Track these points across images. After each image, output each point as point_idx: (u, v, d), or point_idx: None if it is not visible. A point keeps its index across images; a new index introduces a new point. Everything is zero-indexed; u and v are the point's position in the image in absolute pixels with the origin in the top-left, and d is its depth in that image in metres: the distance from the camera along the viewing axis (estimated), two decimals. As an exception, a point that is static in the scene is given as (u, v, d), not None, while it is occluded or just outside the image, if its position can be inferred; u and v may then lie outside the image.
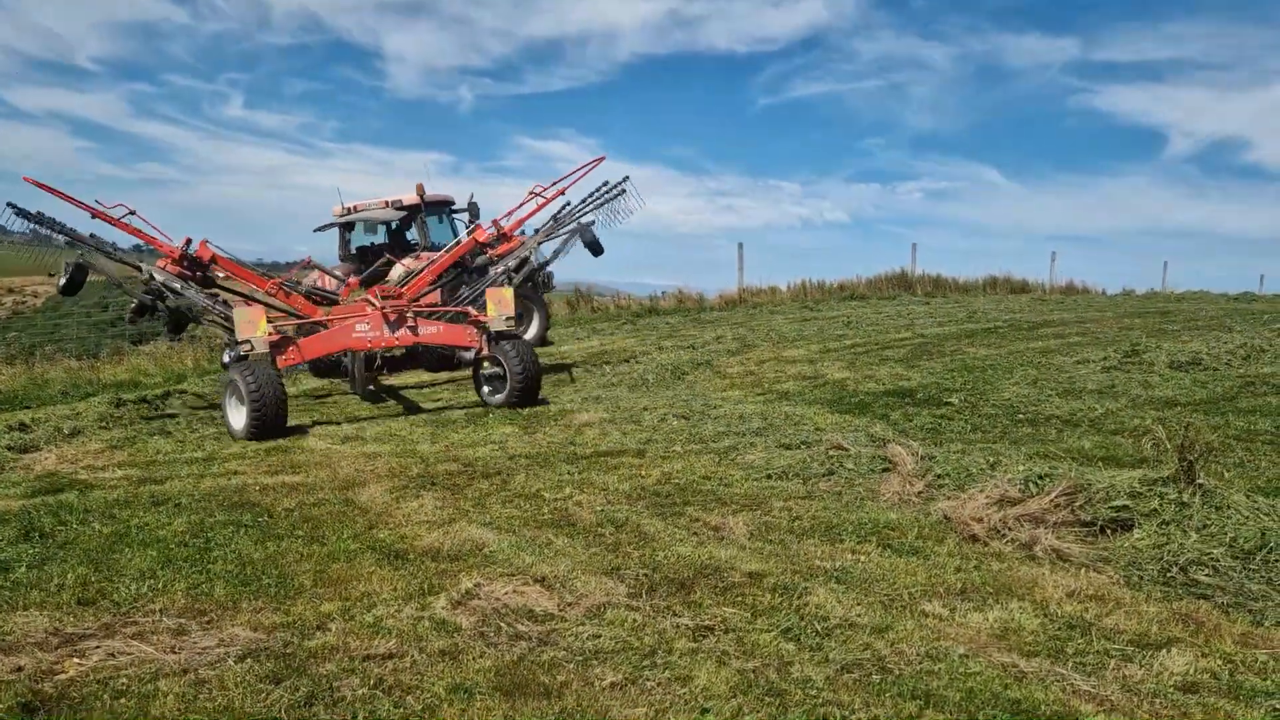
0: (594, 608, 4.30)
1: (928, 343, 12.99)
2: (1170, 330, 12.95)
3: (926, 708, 3.31)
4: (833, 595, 4.35)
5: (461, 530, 5.52)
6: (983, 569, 4.67)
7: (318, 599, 4.51)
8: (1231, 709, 3.25)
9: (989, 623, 4.04)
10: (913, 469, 6.30)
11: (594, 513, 5.82)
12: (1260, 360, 9.64)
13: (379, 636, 4.03)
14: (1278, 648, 3.72)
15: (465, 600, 4.42)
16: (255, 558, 5.13)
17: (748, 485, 6.38)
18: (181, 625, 4.21)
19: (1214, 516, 4.79)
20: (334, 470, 7.25)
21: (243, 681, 3.63)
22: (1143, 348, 10.48)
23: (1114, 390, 8.74)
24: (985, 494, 5.55)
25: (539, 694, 3.49)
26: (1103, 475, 5.55)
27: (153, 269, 10.32)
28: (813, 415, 8.44)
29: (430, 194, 14.39)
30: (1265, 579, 4.33)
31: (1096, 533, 5.01)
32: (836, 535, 5.25)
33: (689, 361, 12.54)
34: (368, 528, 5.67)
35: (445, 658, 3.83)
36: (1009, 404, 8.50)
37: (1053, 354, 11.29)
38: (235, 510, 6.09)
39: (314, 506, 6.18)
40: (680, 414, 8.77)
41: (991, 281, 27.65)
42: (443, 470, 7.12)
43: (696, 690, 3.48)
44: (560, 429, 8.59)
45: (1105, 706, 3.29)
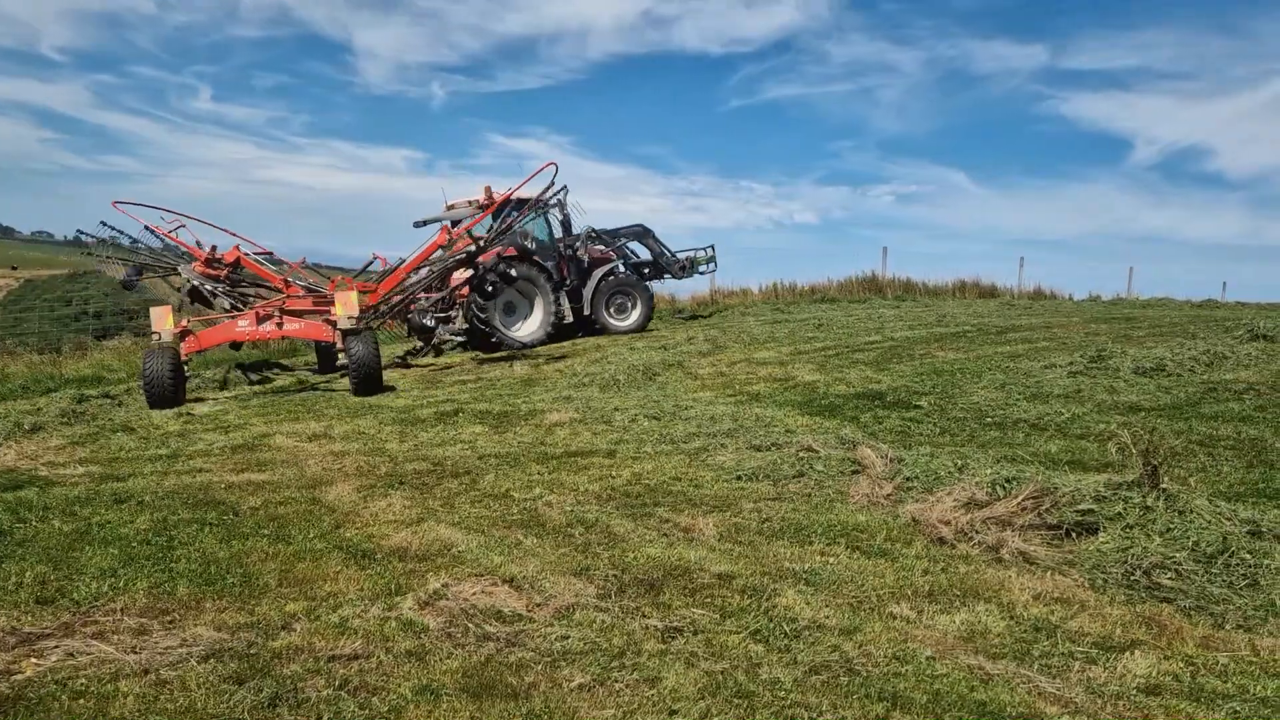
0: (563, 608, 4.28)
1: (898, 346, 13.07)
2: (1135, 336, 13.12)
3: (893, 709, 3.32)
4: (801, 597, 4.36)
5: (430, 530, 5.48)
6: (950, 571, 4.69)
7: (283, 599, 4.45)
8: (1193, 711, 3.28)
9: (956, 625, 4.06)
10: (882, 471, 6.33)
11: (564, 513, 5.80)
12: (1223, 366, 9.78)
13: (345, 637, 3.99)
14: (1238, 651, 3.76)
15: (433, 600, 4.38)
16: (219, 556, 5.06)
17: (718, 486, 6.39)
18: (143, 625, 4.14)
19: (1177, 521, 4.85)
20: (301, 468, 7.18)
21: (205, 682, 3.58)
22: (1108, 353, 10.59)
23: (1080, 395, 8.84)
24: (953, 497, 5.59)
25: (506, 695, 3.47)
26: (1069, 479, 5.61)
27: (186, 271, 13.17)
28: (783, 417, 8.47)
29: (522, 193, 15.92)
30: (1226, 583, 4.38)
31: (1062, 536, 5.06)
32: (806, 537, 5.27)
33: (660, 362, 12.54)
34: (334, 527, 5.62)
35: (412, 658, 3.79)
36: (977, 407, 8.56)
37: (1021, 358, 11.39)
38: (199, 508, 6.01)
39: (280, 505, 6.11)
40: (651, 415, 8.77)
41: (961, 285, 27.89)
42: (411, 469, 7.08)
43: (665, 692, 3.47)
44: (531, 429, 8.56)
45: (1069, 708, 3.31)
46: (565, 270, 17.47)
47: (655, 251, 19.63)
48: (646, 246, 19.58)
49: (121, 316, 28.47)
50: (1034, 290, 27.92)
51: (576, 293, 17.60)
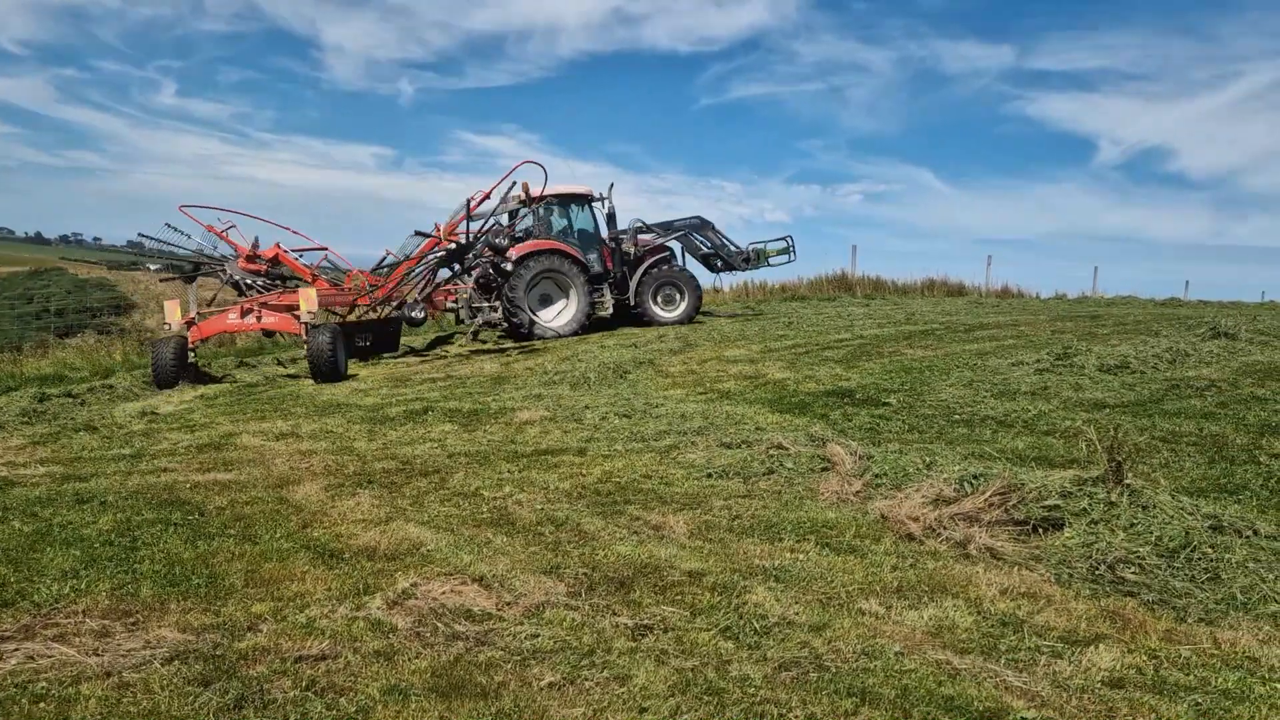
0: (533, 607, 4.27)
1: (867, 344, 13.15)
2: (1100, 334, 13.28)
3: (862, 705, 3.34)
4: (771, 594, 4.37)
5: (399, 529, 5.45)
6: (918, 567, 4.73)
7: (249, 599, 4.40)
8: (1155, 704, 3.33)
9: (924, 620, 4.09)
10: (851, 468, 6.37)
11: (534, 511, 5.78)
12: (1185, 364, 9.93)
13: (312, 637, 3.95)
14: (1200, 643, 3.82)
15: (401, 600, 4.35)
16: (184, 557, 4.99)
17: (688, 484, 6.39)
18: (105, 627, 4.08)
19: (1140, 516, 4.91)
20: (268, 468, 7.10)
21: (169, 684, 3.53)
22: (1074, 351, 10.71)
23: (1046, 392, 8.93)
24: (921, 493, 5.63)
25: (476, 694, 3.45)
26: (1035, 475, 5.66)
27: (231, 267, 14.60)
28: (753, 415, 8.49)
29: (566, 188, 17.40)
30: (1188, 577, 4.45)
31: (1029, 531, 5.11)
32: (776, 534, 5.28)
33: (631, 360, 12.53)
34: (302, 526, 5.56)
35: (380, 658, 3.76)
36: (945, 405, 8.63)
37: (988, 356, 11.50)
38: (164, 508, 5.93)
39: (246, 505, 6.04)
40: (622, 412, 8.76)
41: (930, 284, 28.13)
42: (380, 468, 7.02)
43: (635, 689, 3.47)
44: (501, 427, 8.52)
45: (1035, 702, 3.35)
46: (609, 262, 17.82)
47: (715, 243, 19.59)
48: (705, 238, 19.57)
49: (85, 314, 28.07)
50: (1001, 289, 28.22)
51: (622, 284, 17.95)
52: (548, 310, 17.09)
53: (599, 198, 17.91)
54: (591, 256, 17.59)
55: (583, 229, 18.01)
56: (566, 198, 17.80)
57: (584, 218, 18.07)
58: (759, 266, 20.24)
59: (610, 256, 17.89)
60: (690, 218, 19.61)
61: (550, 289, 17.07)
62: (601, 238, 17.92)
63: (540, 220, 17.50)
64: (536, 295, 16.85)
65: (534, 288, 16.74)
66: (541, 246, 16.88)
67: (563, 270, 16.80)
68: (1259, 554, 4.61)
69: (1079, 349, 10.84)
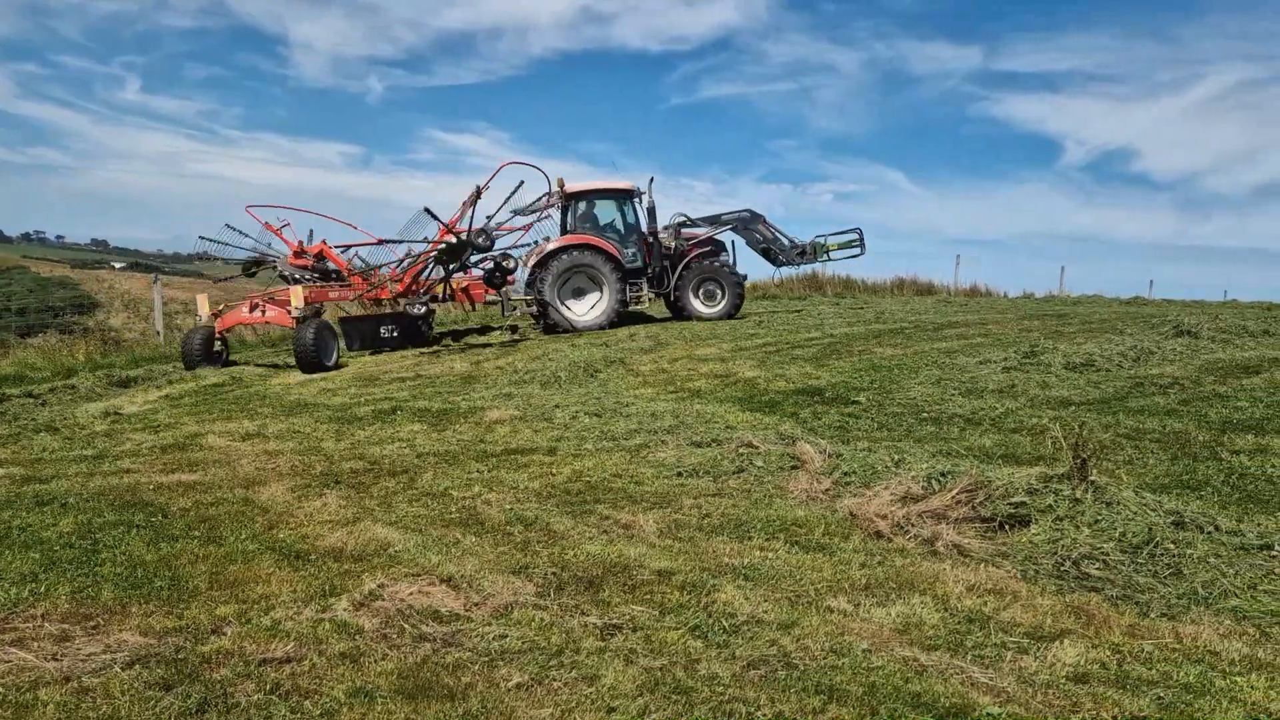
0: (501, 607, 4.24)
1: (837, 342, 13.21)
2: (1066, 332, 13.41)
3: (830, 702, 3.34)
4: (740, 592, 4.37)
5: (366, 529, 5.40)
6: (886, 565, 4.75)
7: (213, 602, 4.35)
8: (1119, 698, 3.36)
9: (891, 617, 4.11)
10: (820, 467, 6.39)
11: (503, 511, 5.75)
12: (1149, 362, 10.05)
13: (277, 640, 3.90)
14: (1163, 638, 3.86)
15: (368, 601, 4.31)
16: (147, 559, 4.93)
17: (658, 483, 6.39)
18: (65, 631, 4.02)
19: (1105, 512, 4.96)
20: (233, 469, 7.02)
21: (130, 689, 3.48)
22: (1041, 349, 10.81)
23: (1014, 390, 9.01)
24: (890, 491, 5.66)
25: (443, 696, 3.42)
26: (1002, 472, 5.71)
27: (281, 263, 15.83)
28: (724, 413, 8.50)
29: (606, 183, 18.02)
30: (1151, 572, 4.50)
31: (995, 528, 5.15)
32: (745, 532, 5.29)
33: (602, 359, 12.51)
34: (268, 528, 5.50)
35: (346, 660, 3.72)
36: (914, 403, 8.68)
37: (956, 354, 11.58)
38: (126, 510, 5.85)
39: (211, 506, 5.97)
40: (592, 412, 8.74)
41: (899, 283, 28.31)
42: (347, 468, 6.96)
43: (603, 689, 3.46)
44: (470, 426, 8.48)
45: (1001, 698, 3.37)
46: (648, 257, 17.93)
47: (766, 237, 19.26)
48: (756, 232, 19.24)
49: (46, 314, 27.63)
50: (970, 288, 28.45)
51: (660, 278, 18.09)
52: (581, 303, 17.42)
53: (639, 193, 18.11)
54: (629, 251, 17.83)
55: (623, 223, 18.22)
56: (606, 192, 18.12)
57: (625, 212, 18.28)
58: (815, 261, 19.75)
59: (648, 251, 18.00)
60: (739, 210, 19.29)
61: (584, 283, 17.39)
62: (642, 232, 18.05)
63: (581, 215, 17.93)
64: (571, 289, 17.28)
65: (567, 281, 17.18)
66: (573, 241, 17.29)
67: (594, 264, 17.12)
68: (1220, 549, 4.67)
69: (1046, 347, 10.95)
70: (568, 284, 17.25)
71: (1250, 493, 5.67)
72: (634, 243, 17.99)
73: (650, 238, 18.02)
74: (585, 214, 18.06)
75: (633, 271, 17.73)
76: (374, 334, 16.06)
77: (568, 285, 17.27)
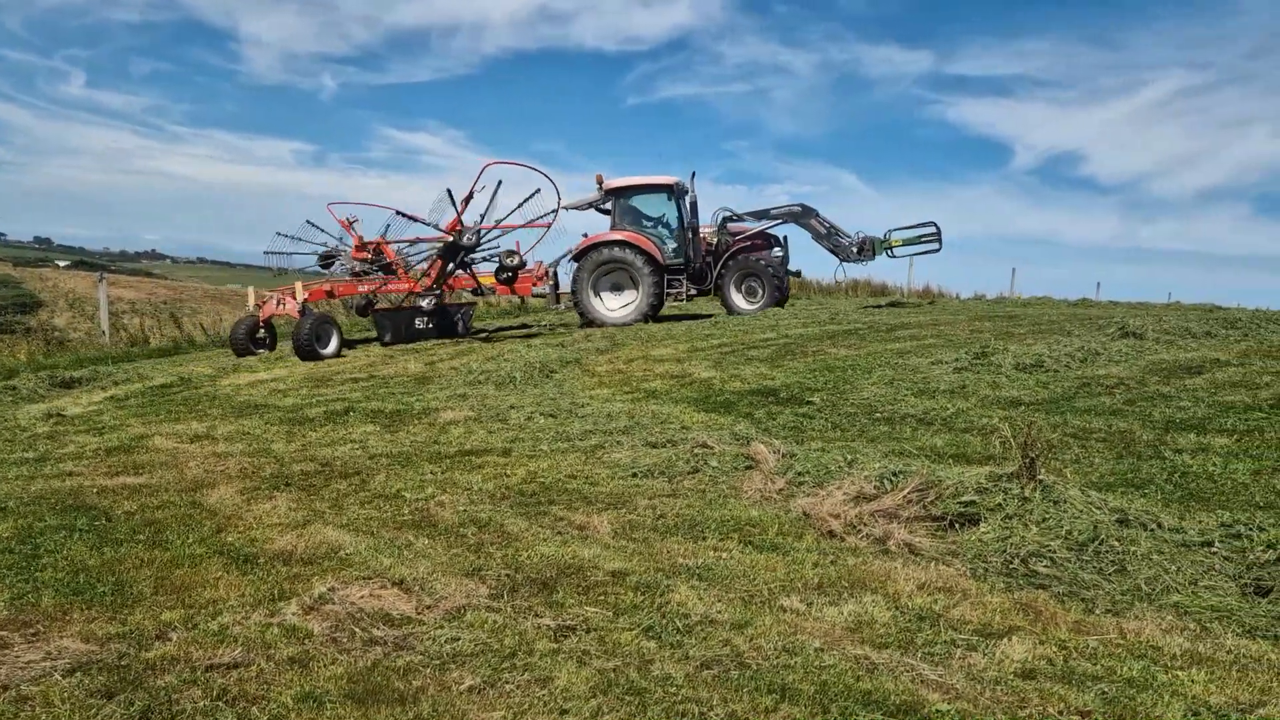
0: (453, 610, 4.21)
1: (791, 343, 13.29)
2: (1017, 333, 13.62)
3: (782, 701, 3.36)
4: (694, 592, 4.38)
5: (316, 532, 5.33)
6: (839, 564, 4.78)
7: (158, 607, 4.26)
8: (1065, 693, 3.41)
9: (844, 616, 4.14)
10: (774, 467, 6.42)
11: (456, 513, 5.71)
12: (1096, 362, 10.23)
13: (224, 645, 3.84)
14: (1107, 634, 3.93)
15: (318, 605, 4.25)
16: (90, 564, 4.82)
17: (613, 484, 6.38)
18: (3, 638, 3.91)
19: (1052, 511, 5.05)
20: (180, 471, 6.89)
21: (70, 697, 3.39)
22: (991, 350, 10.95)
23: (965, 390, 9.12)
24: (843, 491, 5.70)
25: (393, 700, 3.39)
26: (952, 472, 5.78)
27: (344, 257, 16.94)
28: (679, 414, 8.51)
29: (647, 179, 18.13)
30: (1096, 569, 4.58)
31: (946, 527, 5.21)
32: (699, 533, 5.30)
33: (557, 359, 12.47)
34: (215, 531, 5.41)
35: (294, 665, 3.67)
36: (867, 403, 8.76)
37: (909, 355, 11.71)
38: (69, 514, 5.72)
39: (157, 509, 5.86)
40: (547, 412, 8.71)
41: (853, 284, 28.58)
42: (298, 470, 6.87)
43: (556, 691, 3.44)
44: (424, 427, 8.40)
45: (950, 695, 3.41)
46: (690, 252, 18.02)
47: (819, 232, 18.57)
48: (808, 227, 18.64)
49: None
50: (923, 289, 28.81)
51: (701, 274, 18.17)
52: (618, 299, 17.69)
53: (682, 188, 18.05)
54: (669, 247, 17.86)
55: (664, 219, 18.31)
56: (646, 187, 18.21)
57: (666, 207, 18.33)
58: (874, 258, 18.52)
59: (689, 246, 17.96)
60: (789, 204, 18.79)
61: (622, 279, 17.63)
62: (684, 228, 18.01)
63: (623, 210, 18.13)
64: (609, 284, 17.70)
65: (604, 276, 17.52)
66: (607, 237, 17.57)
67: (628, 260, 17.25)
68: (1162, 546, 4.77)
69: (996, 348, 11.10)
70: (606, 279, 17.50)
71: (1192, 490, 5.80)
72: (675, 238, 17.95)
73: (689, 233, 17.94)
74: (627, 209, 18.10)
75: (673, 268, 17.71)
76: (409, 325, 16.31)
77: (606, 280, 17.54)
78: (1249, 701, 3.33)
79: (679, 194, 18.19)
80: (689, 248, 18.05)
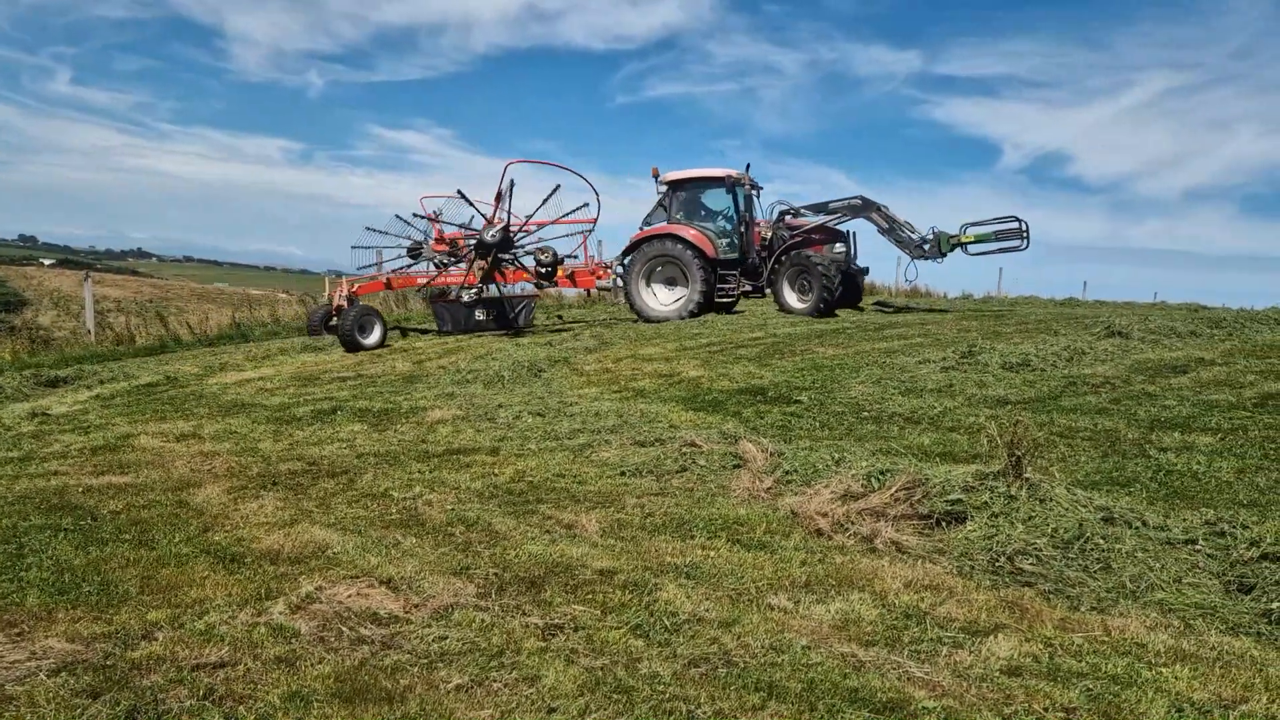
0: (441, 609, 4.21)
1: (779, 342, 13.31)
2: (1003, 332, 13.68)
3: (769, 699, 3.37)
4: (682, 591, 4.39)
5: (304, 531, 5.32)
6: (826, 562, 4.80)
7: (144, 607, 4.25)
8: (1050, 690, 3.44)
9: (831, 614, 4.15)
10: (762, 465, 6.44)
11: (444, 512, 5.71)
12: (1082, 361, 10.29)
13: (210, 644, 3.82)
14: (1092, 631, 3.96)
15: (305, 604, 4.24)
16: (75, 564, 4.80)
17: (602, 482, 6.38)
18: (-13, 638, 3.89)
19: (1038, 509, 5.07)
20: (167, 470, 6.87)
21: (55, 697, 3.38)
22: (978, 349, 11.00)
23: (952, 389, 9.16)
24: (830, 489, 5.72)
25: (380, 699, 3.38)
26: (939, 470, 5.80)
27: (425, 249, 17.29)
28: (667, 413, 8.52)
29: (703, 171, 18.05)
30: (1082, 567, 4.61)
31: (933, 525, 5.23)
32: (688, 531, 5.31)
33: (546, 358, 12.46)
34: (202, 530, 5.39)
35: (281, 665, 3.66)
36: (855, 402, 8.79)
37: (896, 354, 11.74)
38: (54, 513, 5.69)
39: (143, 509, 5.83)
40: (536, 411, 8.71)
41: (842, 284, 28.54)
42: (285, 469, 6.85)
43: (544, 690, 3.44)
44: (412, 426, 8.39)
45: (936, 692, 3.43)
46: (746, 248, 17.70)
47: (882, 226, 17.38)
48: (870, 221, 17.51)
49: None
50: (911, 288, 28.86)
51: (755, 270, 17.79)
52: (670, 294, 17.60)
53: (739, 180, 17.66)
54: (724, 242, 17.59)
55: (719, 212, 18.02)
56: (702, 180, 18.02)
57: (721, 200, 18.03)
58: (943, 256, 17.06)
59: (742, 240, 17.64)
60: (849, 198, 17.69)
61: (675, 273, 17.49)
62: (743, 221, 17.68)
63: (679, 203, 17.97)
64: (663, 278, 17.65)
65: (657, 270, 17.55)
66: (658, 231, 17.46)
67: (676, 255, 17.11)
68: (1147, 544, 4.80)
69: (983, 347, 11.15)
70: (659, 272, 17.45)
71: (1176, 489, 5.84)
72: (730, 233, 17.62)
73: (743, 227, 17.59)
74: (683, 202, 17.94)
75: (727, 263, 17.40)
76: (468, 317, 16.76)
77: (660, 274, 17.48)
78: (1232, 698, 3.36)
79: (734, 187, 17.70)
80: (743, 243, 17.58)
